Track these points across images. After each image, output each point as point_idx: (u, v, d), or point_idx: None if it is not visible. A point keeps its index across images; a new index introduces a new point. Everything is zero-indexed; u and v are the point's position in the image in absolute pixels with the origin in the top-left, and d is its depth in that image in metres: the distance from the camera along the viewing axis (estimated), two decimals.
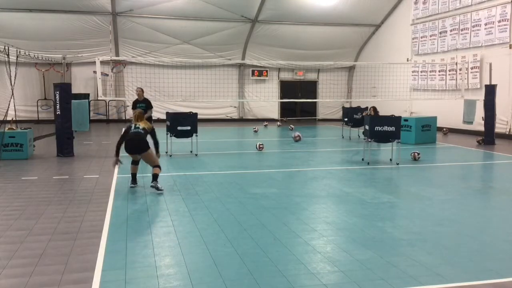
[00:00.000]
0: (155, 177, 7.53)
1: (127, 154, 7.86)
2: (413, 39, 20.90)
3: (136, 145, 7.62)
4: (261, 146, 12.81)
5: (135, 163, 7.97)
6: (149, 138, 7.83)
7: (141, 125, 7.79)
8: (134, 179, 7.94)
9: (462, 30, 18.02)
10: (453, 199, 7.29)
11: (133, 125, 7.78)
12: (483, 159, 12.11)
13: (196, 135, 11.99)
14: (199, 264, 4.48)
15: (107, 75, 21.82)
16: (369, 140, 10.82)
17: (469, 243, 5.13)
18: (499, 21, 16.33)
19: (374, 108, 15.17)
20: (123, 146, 7.69)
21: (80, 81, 22.53)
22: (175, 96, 20.12)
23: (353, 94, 25.50)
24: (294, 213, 6.35)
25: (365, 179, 8.93)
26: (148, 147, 7.67)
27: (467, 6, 17.71)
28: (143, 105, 11.61)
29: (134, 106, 11.63)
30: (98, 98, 16.99)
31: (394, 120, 10.69)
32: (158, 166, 7.65)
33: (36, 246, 4.93)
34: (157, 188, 7.44)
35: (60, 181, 8.56)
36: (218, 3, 20.92)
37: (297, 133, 10.09)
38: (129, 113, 23.36)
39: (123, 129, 7.98)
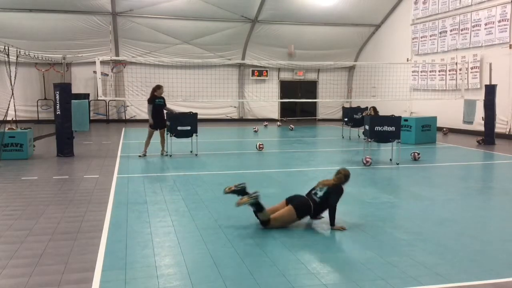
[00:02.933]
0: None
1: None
2: (413, 39, 20.89)
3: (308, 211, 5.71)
4: (261, 146, 12.80)
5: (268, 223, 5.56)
6: None
7: (323, 192, 5.73)
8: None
9: (462, 30, 18.02)
10: (453, 199, 7.29)
11: (318, 190, 5.80)
12: (483, 159, 12.11)
13: (196, 135, 11.98)
14: (199, 264, 4.48)
15: (107, 75, 21.81)
16: (369, 140, 10.82)
17: (469, 243, 5.13)
18: (499, 21, 16.33)
19: (374, 108, 15.17)
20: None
21: (80, 81, 22.52)
22: (175, 96, 20.09)
23: (353, 94, 25.48)
24: None
25: (365, 179, 8.93)
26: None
27: (467, 6, 17.70)
28: (161, 100, 11.77)
29: (152, 101, 11.64)
30: (98, 98, 16.98)
31: (394, 120, 10.68)
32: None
33: (36, 246, 4.93)
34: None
35: (60, 181, 8.56)
36: (218, 3, 20.91)
37: (369, 160, 10.00)
38: (130, 113, 23.41)
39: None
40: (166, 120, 11.89)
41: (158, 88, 11.80)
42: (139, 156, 11.52)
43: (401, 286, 3.97)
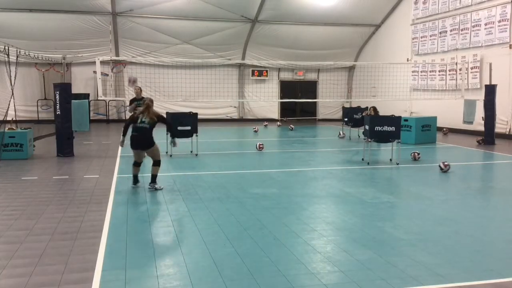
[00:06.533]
0: (154, 178, 7.70)
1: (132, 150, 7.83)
2: (413, 39, 20.89)
3: (141, 141, 7.64)
4: (261, 146, 12.81)
5: (137, 164, 7.90)
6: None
7: (147, 118, 7.60)
8: (135, 180, 7.95)
9: (462, 30, 18.02)
10: (453, 199, 7.29)
11: (139, 118, 7.62)
12: (483, 159, 12.11)
13: (196, 135, 11.99)
14: (199, 264, 4.48)
15: (107, 75, 21.81)
16: (369, 140, 10.82)
17: (469, 243, 5.13)
18: (499, 21, 16.32)
19: (374, 108, 15.17)
20: (128, 137, 7.75)
21: (80, 81, 22.51)
22: (175, 96, 20.11)
23: (353, 94, 25.49)
24: (294, 213, 6.35)
25: (365, 179, 8.93)
26: (153, 144, 7.70)
27: (467, 6, 17.70)
28: (140, 103, 11.47)
29: (131, 102, 11.65)
30: (98, 98, 16.98)
31: (394, 120, 10.68)
32: (159, 163, 7.73)
33: (36, 246, 4.93)
34: (156, 189, 7.66)
35: (60, 181, 8.56)
36: (218, 3, 20.91)
37: (447, 165, 9.76)
38: (129, 113, 23.37)
39: (130, 114, 8.22)
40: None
41: (134, 89, 11.80)
42: None
43: (401, 286, 3.97)
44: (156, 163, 7.71)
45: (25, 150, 11.08)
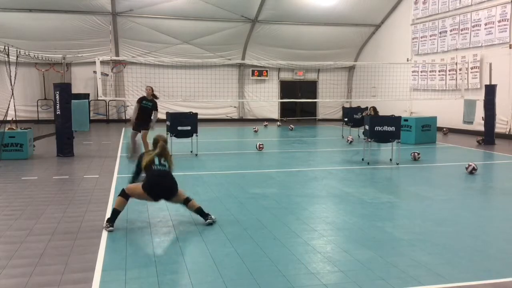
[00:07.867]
0: (202, 211, 5.86)
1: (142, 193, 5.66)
2: (413, 39, 20.89)
3: (167, 188, 5.71)
4: (261, 146, 12.80)
5: (126, 196, 5.65)
6: None
7: (167, 162, 5.81)
8: (114, 217, 5.58)
9: (462, 30, 18.02)
10: (453, 199, 7.29)
11: (156, 159, 5.70)
12: (483, 159, 12.10)
13: (196, 135, 11.99)
14: (199, 264, 4.48)
15: (107, 75, 21.81)
16: (369, 140, 10.82)
17: (469, 243, 5.13)
18: (499, 21, 16.33)
19: (374, 108, 15.17)
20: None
21: (80, 81, 22.53)
22: (175, 96, 20.12)
23: (353, 94, 25.49)
24: (294, 213, 6.35)
25: (365, 179, 8.93)
26: (178, 188, 5.82)
27: (467, 6, 17.71)
28: (149, 103, 11.21)
29: (140, 102, 11.33)
30: (98, 98, 17.00)
31: (394, 120, 10.68)
32: (189, 198, 5.91)
33: (36, 246, 4.93)
34: (214, 221, 5.79)
35: (60, 181, 8.56)
36: (218, 3, 20.92)
37: (473, 168, 9.45)
38: (129, 113, 23.38)
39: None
40: (148, 125, 11.17)
41: (146, 89, 11.57)
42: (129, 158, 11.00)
43: (401, 286, 3.96)
44: (187, 200, 5.86)
45: (25, 150, 11.08)
